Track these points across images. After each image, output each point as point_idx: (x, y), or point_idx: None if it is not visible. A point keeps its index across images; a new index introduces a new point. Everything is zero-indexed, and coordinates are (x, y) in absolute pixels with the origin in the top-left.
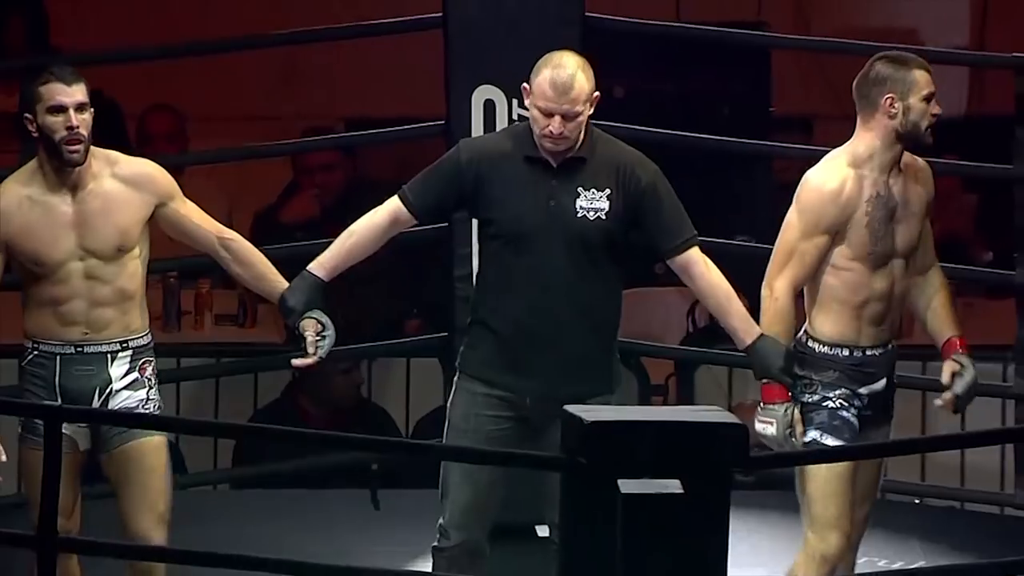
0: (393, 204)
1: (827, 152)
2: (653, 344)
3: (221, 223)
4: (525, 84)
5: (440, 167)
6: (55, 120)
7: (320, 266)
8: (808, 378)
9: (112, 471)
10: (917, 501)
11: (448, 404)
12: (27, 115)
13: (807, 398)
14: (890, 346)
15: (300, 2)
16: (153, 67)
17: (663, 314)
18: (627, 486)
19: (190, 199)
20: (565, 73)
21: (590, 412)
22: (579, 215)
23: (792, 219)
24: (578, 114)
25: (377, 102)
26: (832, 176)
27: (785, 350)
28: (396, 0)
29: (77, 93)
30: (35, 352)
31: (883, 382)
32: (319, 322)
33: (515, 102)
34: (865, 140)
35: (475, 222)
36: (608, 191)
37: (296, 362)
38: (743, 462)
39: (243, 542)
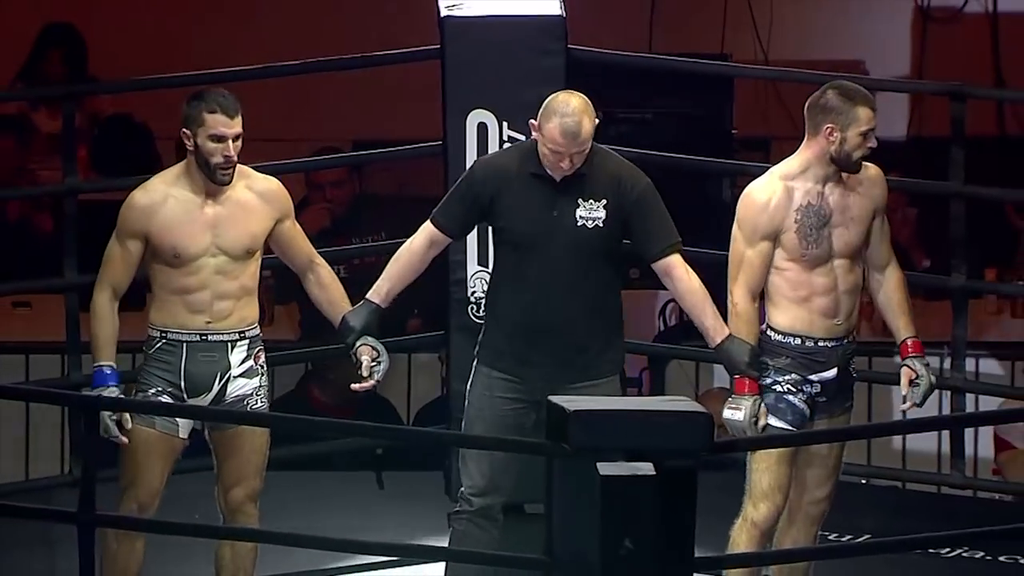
0: (428, 229)
1: None
2: (628, 341)
3: None
4: (533, 121)
5: (461, 191)
6: (215, 147)
7: (376, 293)
8: (764, 363)
9: (220, 447)
10: (864, 481)
11: (467, 387)
12: (186, 131)
13: (761, 380)
14: (845, 340)
15: (313, 35)
16: (179, 93)
17: (637, 314)
18: (605, 468)
19: None
20: (573, 121)
21: (572, 402)
22: (579, 224)
23: (735, 232)
24: (584, 151)
25: (381, 125)
26: (762, 190)
27: (751, 348)
28: (400, 34)
29: (237, 125)
30: (163, 340)
31: (834, 371)
32: (374, 348)
33: (506, 124)
34: (802, 156)
35: (489, 229)
36: (605, 201)
37: (355, 386)
38: (709, 446)
39: (265, 519)
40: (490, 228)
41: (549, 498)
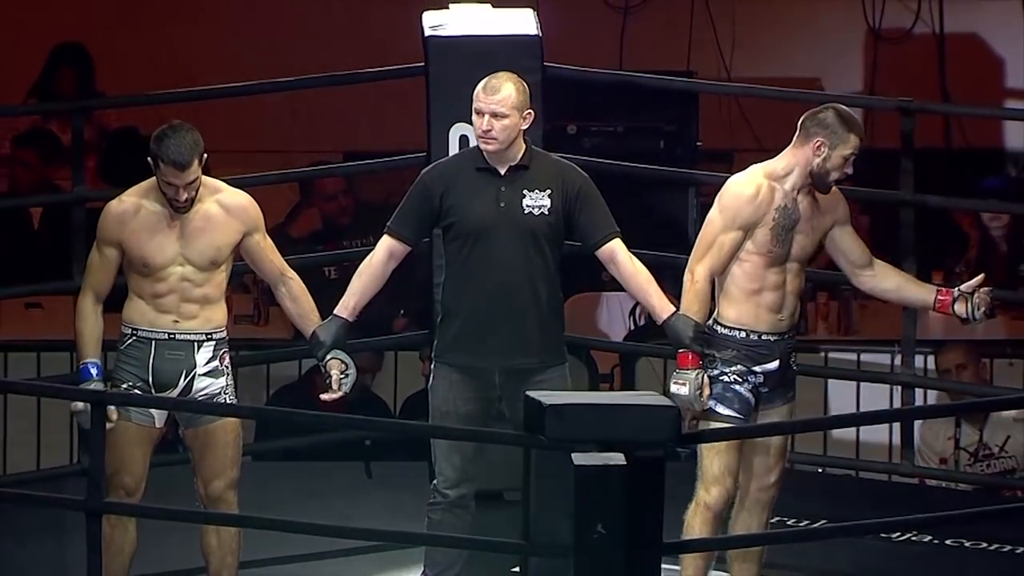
0: (386, 242)
1: None
2: (601, 340)
3: None
4: None
5: (412, 197)
6: (167, 187)
7: (343, 308)
8: (712, 355)
9: (194, 443)
10: (820, 470)
11: (429, 389)
12: (149, 159)
13: (708, 372)
14: (787, 336)
15: (306, 51)
16: (180, 108)
17: (609, 314)
18: (579, 458)
19: None
20: (495, 80)
21: (548, 396)
22: (525, 212)
23: (713, 216)
24: (505, 115)
25: (369, 137)
26: (749, 182)
27: (695, 323)
28: (387, 52)
29: (189, 175)
30: (134, 337)
31: (776, 363)
32: (343, 362)
33: None
34: (787, 160)
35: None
36: (549, 191)
37: (324, 396)
38: (676, 438)
39: (256, 507)
40: (441, 231)
41: (526, 486)
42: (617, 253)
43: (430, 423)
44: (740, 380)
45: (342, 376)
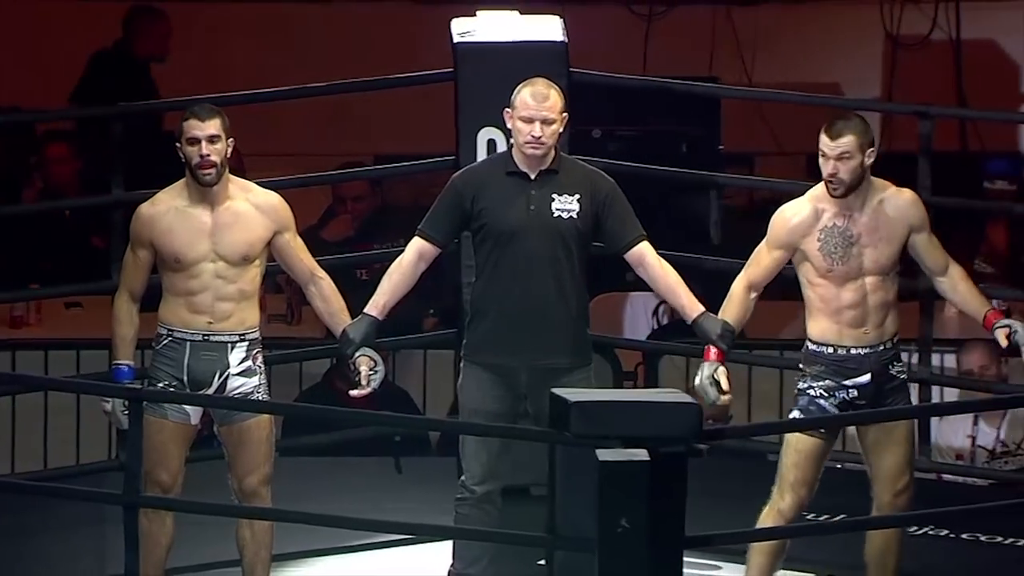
0: (417, 243)
1: (766, 182)
2: (625, 338)
3: None
4: (507, 109)
5: (444, 200)
6: (191, 150)
7: (373, 306)
8: (802, 370)
9: (229, 439)
10: (839, 465)
11: (457, 386)
12: (177, 144)
13: (800, 385)
14: (881, 347)
15: (337, 58)
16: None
17: (633, 314)
18: (603, 454)
19: None
20: (541, 87)
21: (573, 394)
22: (555, 215)
23: (767, 234)
24: (553, 121)
25: (399, 141)
26: (791, 207)
27: (723, 322)
28: (417, 58)
29: (210, 127)
30: (169, 338)
31: (867, 376)
32: (372, 359)
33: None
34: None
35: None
36: (578, 196)
37: (353, 392)
38: (698, 435)
39: (288, 501)
40: (472, 234)
41: (552, 481)
42: (646, 255)
43: (460, 419)
44: (826, 395)
45: (371, 373)
